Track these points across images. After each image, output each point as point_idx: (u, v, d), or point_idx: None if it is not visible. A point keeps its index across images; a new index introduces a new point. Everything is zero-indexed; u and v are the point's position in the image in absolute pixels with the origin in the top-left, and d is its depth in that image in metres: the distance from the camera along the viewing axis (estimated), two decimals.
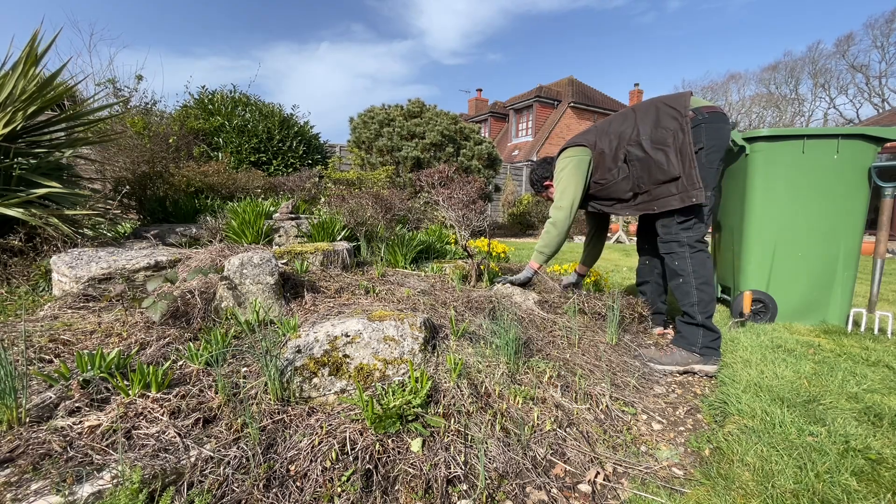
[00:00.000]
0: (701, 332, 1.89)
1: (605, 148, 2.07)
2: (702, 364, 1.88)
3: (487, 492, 1.04)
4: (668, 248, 2.00)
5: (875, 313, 2.40)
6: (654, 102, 2.01)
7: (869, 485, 1.09)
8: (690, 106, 1.91)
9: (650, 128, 1.94)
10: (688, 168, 1.85)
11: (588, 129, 2.23)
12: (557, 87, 21.72)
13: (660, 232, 2.03)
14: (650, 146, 1.92)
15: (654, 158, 1.91)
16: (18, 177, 2.40)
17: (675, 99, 1.96)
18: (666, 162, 1.88)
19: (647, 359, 1.95)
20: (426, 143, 8.33)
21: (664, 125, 1.91)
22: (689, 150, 1.84)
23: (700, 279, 1.91)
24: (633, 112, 2.05)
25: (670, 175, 1.87)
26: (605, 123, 2.14)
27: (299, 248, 2.40)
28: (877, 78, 25.95)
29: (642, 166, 1.95)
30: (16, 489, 0.84)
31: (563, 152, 2.22)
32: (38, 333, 1.46)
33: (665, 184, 1.91)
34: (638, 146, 1.96)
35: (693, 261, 1.92)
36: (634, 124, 2.00)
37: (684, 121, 1.87)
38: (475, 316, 1.93)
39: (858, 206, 2.42)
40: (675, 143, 1.86)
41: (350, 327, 1.40)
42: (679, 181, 1.87)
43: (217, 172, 4.49)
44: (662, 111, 1.94)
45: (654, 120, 1.94)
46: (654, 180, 1.93)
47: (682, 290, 1.94)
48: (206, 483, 0.94)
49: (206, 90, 7.72)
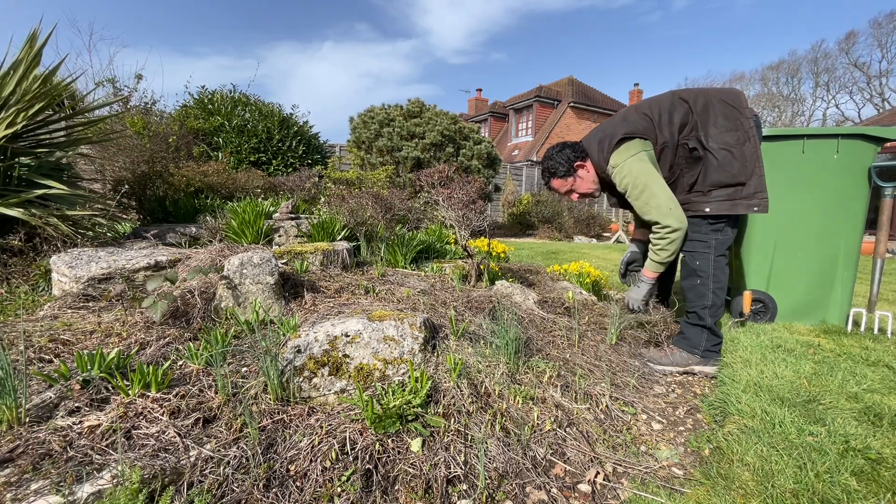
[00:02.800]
0: (706, 335, 1.87)
1: (666, 142, 1.83)
2: (701, 365, 1.87)
3: (487, 492, 1.04)
4: (691, 247, 1.88)
5: (875, 313, 2.40)
6: (707, 95, 1.83)
7: (869, 485, 1.09)
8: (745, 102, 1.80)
9: (710, 123, 1.78)
10: (753, 173, 1.74)
11: (631, 115, 1.91)
12: (557, 87, 21.72)
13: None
14: (713, 144, 1.76)
15: (718, 158, 1.75)
16: (18, 176, 2.41)
17: (733, 96, 1.82)
18: (730, 163, 1.74)
19: (647, 358, 1.94)
20: (426, 143, 8.33)
21: (725, 123, 1.76)
22: (756, 153, 1.74)
23: (718, 283, 1.85)
24: (683, 101, 1.83)
25: (734, 179, 1.75)
26: (651, 110, 1.87)
27: (299, 248, 2.40)
28: (877, 77, 25.97)
29: (701, 165, 1.80)
30: (16, 489, 0.84)
31: (622, 145, 1.85)
32: (38, 333, 1.46)
33: (724, 187, 1.78)
34: (697, 142, 1.78)
35: (716, 264, 1.84)
36: (693, 118, 1.80)
37: (748, 122, 1.75)
38: (475, 316, 1.93)
39: (858, 206, 2.42)
40: (740, 144, 1.74)
41: (350, 327, 1.40)
42: (742, 187, 1.76)
43: (217, 172, 4.49)
44: (720, 107, 1.79)
45: (713, 115, 1.78)
46: (713, 182, 1.78)
47: (697, 291, 1.87)
48: (205, 483, 0.94)
49: (206, 90, 7.72)
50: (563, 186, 2.06)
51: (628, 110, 1.94)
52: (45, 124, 2.63)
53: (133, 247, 2.47)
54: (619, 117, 1.93)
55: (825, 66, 27.84)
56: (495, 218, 12.52)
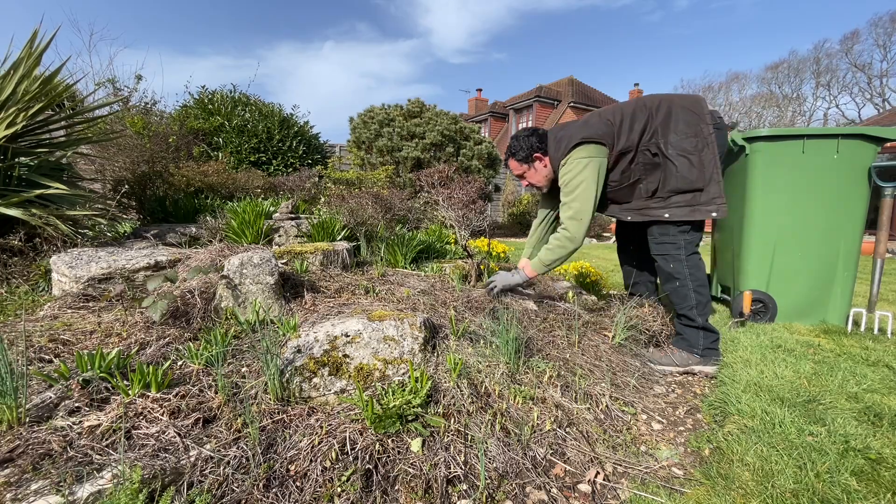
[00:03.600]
0: (701, 334, 1.89)
1: (623, 147, 1.86)
2: (701, 365, 1.88)
3: (487, 492, 1.04)
4: (662, 250, 1.92)
5: (875, 313, 2.40)
6: (669, 102, 1.86)
7: (869, 485, 1.09)
8: (707, 108, 1.83)
9: (670, 130, 1.81)
10: (711, 179, 1.77)
11: (593, 119, 1.94)
12: (557, 87, 21.72)
13: (654, 233, 1.95)
14: (672, 151, 1.79)
15: (676, 164, 1.79)
16: (18, 176, 2.41)
17: (694, 102, 1.85)
18: (688, 170, 1.78)
19: (648, 358, 1.95)
20: (426, 143, 8.33)
21: (685, 130, 1.79)
22: (715, 160, 1.77)
23: (697, 282, 1.87)
24: (646, 107, 1.87)
25: (692, 186, 1.79)
26: (615, 115, 1.89)
27: (299, 248, 2.40)
28: (878, 77, 25.96)
29: (660, 171, 1.84)
30: (16, 489, 0.84)
31: (578, 147, 1.87)
32: (38, 333, 1.46)
33: (683, 193, 1.82)
34: (657, 148, 1.82)
35: (689, 263, 1.88)
36: (653, 124, 1.84)
37: (707, 128, 1.78)
38: (475, 316, 1.93)
39: (858, 206, 2.42)
40: (698, 151, 1.77)
41: (350, 327, 1.40)
42: (700, 193, 1.79)
43: (217, 172, 4.49)
44: (682, 114, 1.82)
45: (674, 122, 1.81)
46: (672, 188, 1.82)
47: (679, 294, 1.90)
48: (206, 483, 0.94)
49: (206, 90, 7.73)
50: (517, 169, 2.11)
51: (593, 115, 1.98)
52: (45, 124, 2.63)
53: (133, 247, 2.47)
54: (583, 121, 1.96)
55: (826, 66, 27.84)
56: (495, 218, 12.51)
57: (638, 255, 2.31)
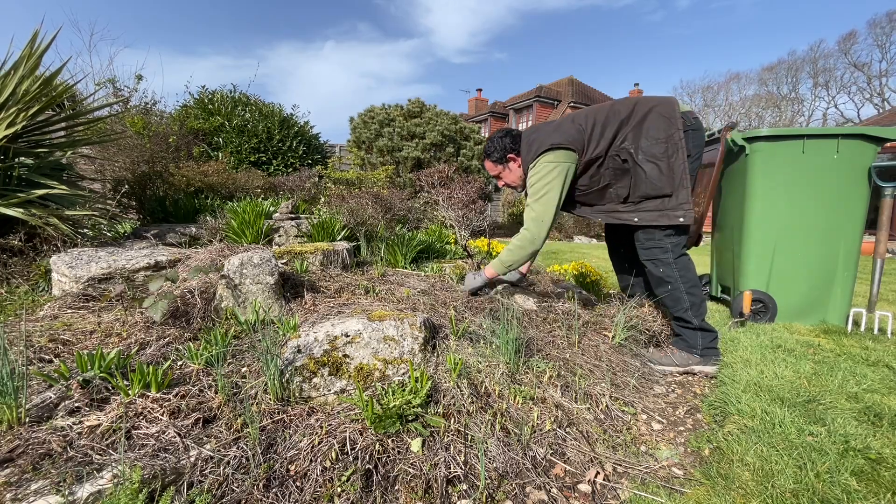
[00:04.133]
0: (699, 334, 1.89)
1: (593, 153, 1.87)
2: (701, 365, 1.88)
3: (487, 492, 1.04)
4: (650, 255, 1.91)
5: (875, 313, 2.40)
6: (641, 105, 1.86)
7: (869, 485, 1.09)
8: (679, 114, 1.81)
9: (642, 136, 1.81)
10: (679, 185, 1.77)
11: (566, 125, 1.93)
12: (557, 87, 21.73)
13: (640, 239, 1.94)
14: (642, 157, 1.80)
15: (646, 170, 1.79)
16: (18, 177, 2.41)
17: (665, 105, 1.84)
18: (658, 177, 1.78)
19: (648, 359, 1.94)
20: (426, 143, 8.33)
21: (656, 135, 1.79)
22: (684, 165, 1.77)
23: (688, 283, 1.86)
24: (618, 112, 1.87)
25: (661, 191, 1.79)
26: (587, 121, 1.89)
27: (299, 248, 2.40)
28: (877, 77, 25.97)
29: (630, 177, 1.84)
30: (16, 489, 0.84)
31: (546, 153, 1.89)
32: (38, 333, 1.46)
33: (652, 199, 1.82)
34: (628, 154, 1.82)
35: (678, 265, 1.87)
36: (623, 129, 1.84)
37: (678, 133, 1.77)
38: (475, 316, 1.93)
39: (858, 206, 2.42)
40: (668, 157, 1.77)
41: (350, 327, 1.40)
42: (668, 198, 1.79)
43: (217, 172, 4.50)
44: (654, 119, 1.81)
45: (646, 127, 1.81)
46: (642, 193, 1.83)
47: (672, 297, 1.89)
48: (206, 483, 0.94)
49: (206, 90, 7.73)
50: (493, 170, 2.14)
51: (566, 119, 1.98)
52: (45, 125, 2.63)
53: (133, 247, 2.47)
54: (555, 125, 1.97)
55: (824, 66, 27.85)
56: (495, 218, 12.52)
57: (630, 257, 2.31)
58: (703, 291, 1.94)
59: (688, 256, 1.91)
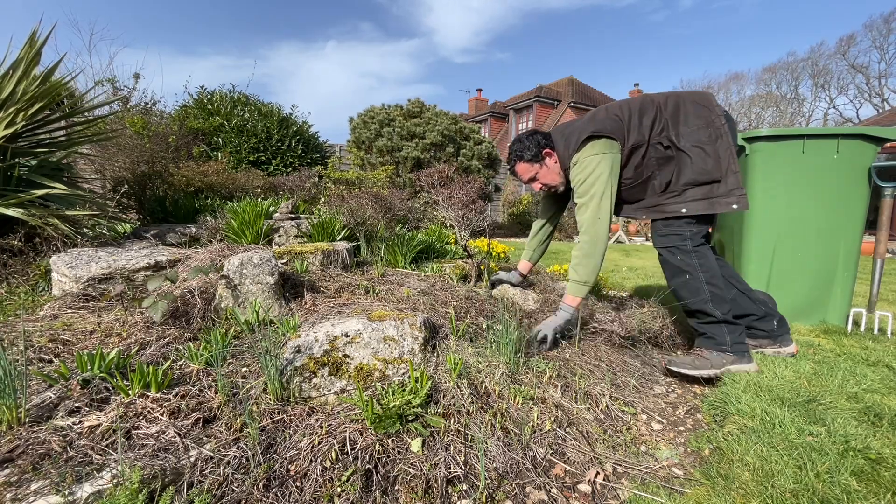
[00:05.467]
0: (725, 328, 1.74)
1: (635, 142, 1.76)
2: (738, 364, 1.73)
3: (487, 492, 1.04)
4: (668, 242, 1.80)
5: (875, 313, 2.40)
6: (678, 97, 1.81)
7: (869, 485, 1.09)
8: (715, 101, 1.77)
9: (681, 122, 1.74)
10: (728, 170, 1.69)
11: (600, 115, 1.85)
12: (557, 87, 21.73)
13: (658, 226, 1.84)
14: (685, 143, 1.72)
15: (691, 156, 1.70)
16: (18, 177, 2.40)
17: (703, 96, 1.79)
18: (704, 161, 1.69)
19: (677, 364, 1.76)
20: (426, 143, 8.33)
21: (696, 122, 1.73)
22: (731, 150, 1.70)
23: (708, 273, 1.74)
24: (654, 103, 1.80)
25: (710, 177, 1.70)
26: (622, 111, 1.81)
27: (299, 248, 2.40)
28: (876, 78, 25.98)
29: (674, 164, 1.75)
30: (16, 489, 0.84)
31: (588, 143, 1.77)
32: (38, 333, 1.46)
33: (700, 186, 1.73)
34: (669, 141, 1.74)
35: (698, 254, 1.76)
36: (663, 118, 1.77)
37: (719, 119, 1.71)
38: (475, 316, 1.93)
39: (858, 206, 2.42)
40: (713, 142, 1.70)
41: (350, 327, 1.40)
42: (718, 184, 1.71)
43: (216, 172, 4.50)
44: (691, 107, 1.76)
45: (683, 114, 1.75)
46: (688, 180, 1.73)
47: (690, 287, 1.77)
48: (205, 483, 0.94)
49: (205, 90, 7.72)
50: (527, 172, 1.97)
51: (598, 110, 1.89)
52: (44, 124, 2.63)
53: (133, 247, 2.47)
54: (589, 116, 1.88)
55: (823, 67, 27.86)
56: (495, 218, 12.52)
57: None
58: (728, 286, 1.81)
59: (708, 246, 1.80)
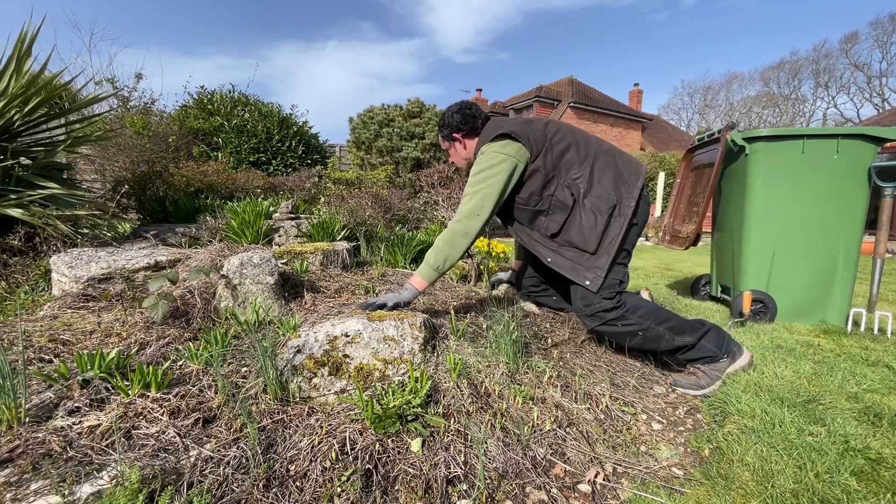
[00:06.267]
0: (705, 342, 1.71)
1: (543, 168, 1.67)
2: (734, 364, 1.72)
3: (487, 492, 1.04)
4: (600, 319, 1.68)
5: (875, 313, 2.39)
6: (611, 153, 1.74)
7: (869, 485, 1.09)
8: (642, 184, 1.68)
9: (596, 182, 1.66)
10: (604, 249, 1.63)
11: (536, 123, 1.76)
12: (557, 87, 21.72)
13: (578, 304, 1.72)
14: (588, 202, 1.64)
15: (583, 218, 1.64)
16: (18, 177, 2.40)
17: (632, 165, 1.72)
18: (590, 230, 1.63)
19: (683, 387, 1.72)
20: (426, 143, 8.33)
21: (607, 190, 1.65)
22: (619, 232, 1.63)
23: (651, 317, 1.68)
24: (584, 147, 1.72)
25: (584, 246, 1.65)
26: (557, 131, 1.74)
27: (299, 248, 2.40)
28: (877, 78, 25.99)
29: (567, 216, 1.67)
30: (16, 489, 0.84)
31: (503, 138, 1.69)
32: (38, 333, 1.46)
33: (573, 248, 1.68)
34: (575, 192, 1.66)
35: (629, 309, 1.68)
36: (579, 164, 1.68)
37: (630, 199, 1.64)
38: (475, 316, 1.93)
39: (858, 206, 2.42)
40: (607, 216, 1.63)
41: (350, 327, 1.40)
42: (587, 256, 1.65)
43: (216, 172, 4.50)
44: (615, 171, 1.69)
45: (601, 176, 1.67)
46: (569, 238, 1.68)
47: (651, 339, 1.70)
48: (205, 483, 0.94)
49: (205, 90, 7.72)
50: (442, 144, 1.98)
51: (535, 118, 1.81)
52: (44, 122, 2.63)
53: (133, 247, 2.47)
54: (524, 119, 1.83)
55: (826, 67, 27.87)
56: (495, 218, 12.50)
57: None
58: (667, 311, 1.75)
59: (626, 294, 1.73)
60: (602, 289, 1.65)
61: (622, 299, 1.69)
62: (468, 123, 1.84)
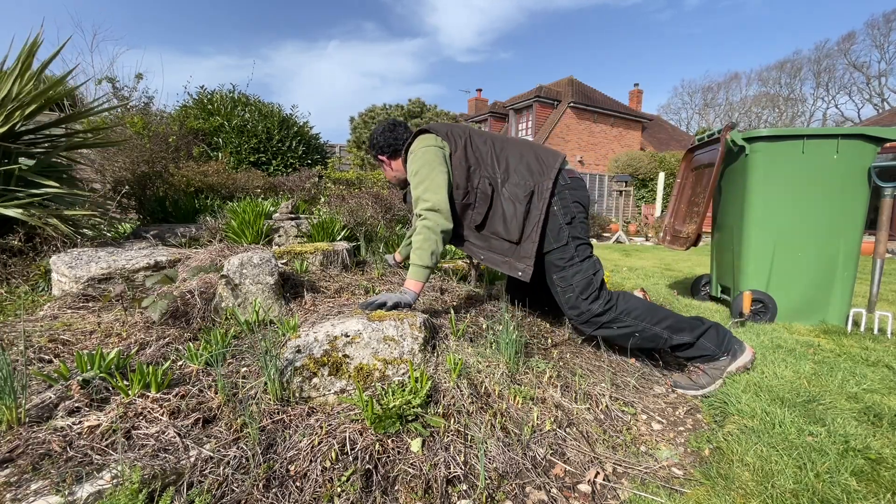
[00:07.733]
0: (705, 340, 1.72)
1: (462, 160, 1.73)
2: (735, 362, 1.72)
3: (487, 492, 1.04)
4: (595, 324, 1.71)
5: (875, 313, 2.39)
6: (526, 144, 1.81)
7: (869, 485, 1.09)
8: (559, 167, 1.72)
9: (512, 170, 1.71)
10: (528, 236, 1.66)
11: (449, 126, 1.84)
12: (557, 87, 21.72)
13: (571, 316, 1.75)
14: (506, 191, 1.69)
15: (504, 207, 1.69)
16: (18, 177, 2.40)
17: (549, 152, 1.77)
18: (511, 218, 1.67)
19: (683, 388, 1.73)
20: None
21: (523, 177, 1.70)
22: (540, 217, 1.65)
23: (647, 317, 1.70)
24: (500, 141, 1.80)
25: (508, 236, 1.69)
26: (466, 133, 1.80)
27: (299, 248, 2.40)
28: (876, 78, 25.99)
29: (489, 206, 1.72)
30: (16, 489, 0.84)
31: (419, 135, 1.80)
32: (38, 333, 1.46)
33: (499, 238, 1.72)
34: (493, 182, 1.71)
35: (623, 311, 1.70)
36: (495, 156, 1.74)
37: (546, 184, 1.67)
38: (475, 316, 1.93)
39: (858, 206, 2.42)
40: (528, 202, 1.66)
41: (350, 327, 1.40)
42: (514, 247, 1.69)
43: (217, 172, 4.49)
44: (532, 158, 1.74)
45: (517, 164, 1.72)
46: (493, 230, 1.72)
47: (648, 339, 1.71)
48: (205, 483, 0.94)
49: (205, 90, 7.72)
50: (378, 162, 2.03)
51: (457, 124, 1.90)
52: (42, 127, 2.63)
53: (133, 247, 2.47)
54: (445, 123, 1.89)
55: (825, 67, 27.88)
56: None
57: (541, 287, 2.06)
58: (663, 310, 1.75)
59: (618, 293, 1.75)
60: (582, 292, 1.69)
61: (612, 301, 1.71)
62: (391, 146, 1.92)
